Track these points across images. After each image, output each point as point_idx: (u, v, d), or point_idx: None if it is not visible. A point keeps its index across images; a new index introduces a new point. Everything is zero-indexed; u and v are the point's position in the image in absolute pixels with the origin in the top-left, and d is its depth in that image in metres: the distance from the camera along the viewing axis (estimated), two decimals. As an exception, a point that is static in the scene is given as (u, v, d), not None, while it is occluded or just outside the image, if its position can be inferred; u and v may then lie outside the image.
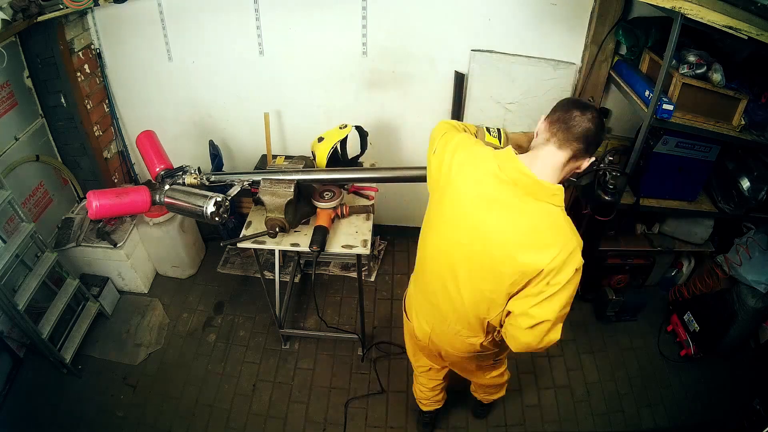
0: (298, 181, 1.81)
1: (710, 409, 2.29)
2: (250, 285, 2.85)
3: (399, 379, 2.37)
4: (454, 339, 1.43)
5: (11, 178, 2.18)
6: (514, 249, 1.13)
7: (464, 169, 1.23)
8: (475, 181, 1.20)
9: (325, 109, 2.61)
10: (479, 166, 1.21)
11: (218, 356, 2.48)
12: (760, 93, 1.98)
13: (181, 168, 1.79)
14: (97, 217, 1.64)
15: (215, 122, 2.72)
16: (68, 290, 2.32)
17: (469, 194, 1.20)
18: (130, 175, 2.95)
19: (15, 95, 2.28)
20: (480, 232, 1.18)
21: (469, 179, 1.21)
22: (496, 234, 1.16)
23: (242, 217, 2.39)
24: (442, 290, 1.35)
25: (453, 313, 1.36)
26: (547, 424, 2.21)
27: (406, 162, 2.74)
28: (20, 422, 2.21)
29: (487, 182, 1.18)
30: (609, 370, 2.41)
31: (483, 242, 1.18)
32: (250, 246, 1.95)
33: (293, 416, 2.24)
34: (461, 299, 1.30)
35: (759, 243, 2.27)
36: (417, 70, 2.44)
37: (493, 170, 1.17)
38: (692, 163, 2.11)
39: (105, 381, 2.35)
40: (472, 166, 1.22)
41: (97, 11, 2.37)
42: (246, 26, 2.34)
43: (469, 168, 1.22)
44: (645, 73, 2.11)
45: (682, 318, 2.53)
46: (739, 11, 1.51)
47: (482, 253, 1.19)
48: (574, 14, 2.20)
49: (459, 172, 1.23)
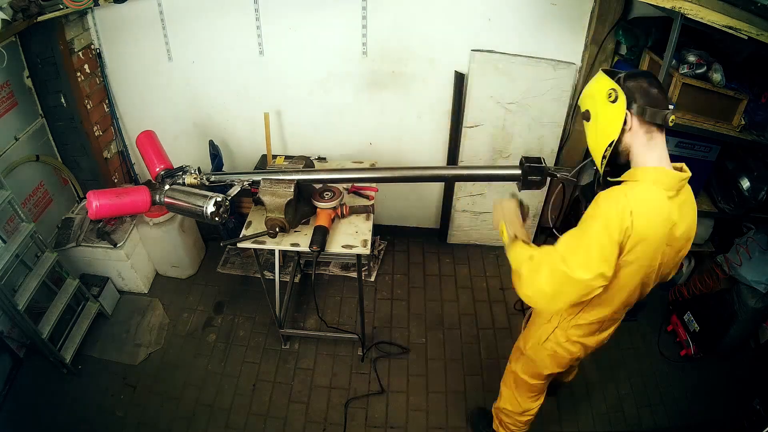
0: (298, 181, 1.81)
1: (710, 409, 2.29)
2: (250, 285, 2.85)
3: (399, 379, 2.38)
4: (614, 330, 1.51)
5: (11, 178, 2.18)
6: (690, 231, 1.27)
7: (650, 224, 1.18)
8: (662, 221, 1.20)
9: (325, 109, 2.61)
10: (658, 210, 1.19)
11: (218, 356, 2.48)
12: (760, 93, 1.98)
13: (181, 168, 1.79)
14: (97, 217, 1.63)
15: (215, 122, 2.72)
16: (68, 290, 2.32)
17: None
18: (130, 175, 2.95)
19: (15, 95, 2.28)
20: (671, 242, 1.24)
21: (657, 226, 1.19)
22: (679, 235, 1.24)
23: (242, 217, 2.39)
24: (629, 302, 1.38)
25: (630, 306, 1.42)
26: (547, 424, 2.21)
27: (405, 162, 2.75)
28: (20, 422, 2.21)
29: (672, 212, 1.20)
30: (609, 370, 2.41)
31: (674, 247, 1.26)
32: (250, 246, 1.95)
33: (293, 416, 2.23)
34: (646, 291, 1.37)
35: (759, 243, 2.27)
36: (417, 70, 2.44)
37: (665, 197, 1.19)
38: (692, 163, 2.06)
39: (105, 381, 2.35)
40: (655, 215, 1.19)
41: (97, 11, 2.38)
42: (246, 26, 2.35)
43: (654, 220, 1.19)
44: (645, 73, 2.10)
45: (682, 318, 2.53)
46: (739, 11, 1.51)
47: (670, 254, 1.27)
48: (574, 14, 2.21)
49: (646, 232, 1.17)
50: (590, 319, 1.42)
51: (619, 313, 1.43)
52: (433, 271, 2.94)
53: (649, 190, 1.17)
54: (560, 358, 1.56)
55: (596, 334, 1.49)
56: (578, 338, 1.49)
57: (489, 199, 2.84)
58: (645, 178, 1.18)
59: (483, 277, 2.89)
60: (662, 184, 1.17)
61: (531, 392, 1.76)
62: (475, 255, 3.02)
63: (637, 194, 1.16)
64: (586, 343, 1.50)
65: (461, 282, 2.87)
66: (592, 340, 1.50)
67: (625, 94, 1.17)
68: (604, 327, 1.48)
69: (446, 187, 2.87)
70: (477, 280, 2.87)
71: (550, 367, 1.61)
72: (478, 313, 2.68)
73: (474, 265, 2.96)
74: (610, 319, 1.44)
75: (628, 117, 1.18)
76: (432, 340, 2.55)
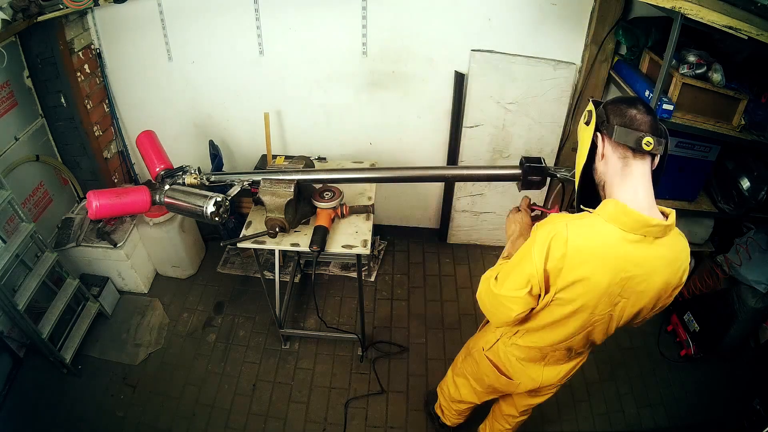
0: (298, 181, 1.80)
1: (710, 409, 2.29)
2: (250, 285, 2.85)
3: (399, 379, 2.38)
4: (571, 369, 1.45)
5: (11, 178, 2.18)
6: (661, 291, 1.11)
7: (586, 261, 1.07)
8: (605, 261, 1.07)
9: (325, 109, 2.61)
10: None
11: (218, 356, 2.48)
12: (760, 93, 1.98)
13: (181, 168, 1.79)
14: (97, 217, 1.63)
15: (215, 122, 2.72)
16: (68, 290, 2.32)
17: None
18: (130, 175, 2.95)
19: (15, 95, 2.28)
20: (628, 296, 1.12)
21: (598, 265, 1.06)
22: (641, 291, 1.11)
23: (242, 217, 2.39)
24: (574, 346, 1.32)
25: (580, 350, 1.36)
26: (547, 424, 2.21)
27: (405, 162, 2.75)
28: (20, 422, 2.20)
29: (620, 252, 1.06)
30: (609, 370, 2.41)
31: (632, 301, 1.13)
32: (250, 246, 1.95)
33: (293, 416, 2.23)
34: (598, 341, 1.30)
35: (759, 243, 2.27)
36: (417, 70, 2.44)
37: (618, 238, 1.04)
38: (692, 163, 2.10)
39: (105, 381, 2.35)
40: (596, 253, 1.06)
41: (97, 11, 2.38)
42: (246, 26, 2.35)
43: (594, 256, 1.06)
44: (645, 73, 2.11)
45: (682, 318, 2.53)
46: (739, 11, 1.51)
47: (629, 308, 1.15)
48: (574, 14, 2.21)
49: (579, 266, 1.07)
50: (527, 343, 1.37)
51: (560, 352, 1.35)
52: (433, 271, 2.94)
53: (597, 226, 1.03)
54: (499, 376, 1.51)
55: (539, 364, 1.42)
56: (519, 361, 1.43)
57: (489, 199, 2.84)
58: (602, 211, 1.04)
59: (483, 277, 2.89)
60: (619, 224, 1.01)
61: (467, 388, 1.75)
62: (475, 255, 3.02)
63: (581, 227, 1.04)
64: (528, 373, 1.44)
65: (461, 282, 2.87)
66: (535, 370, 1.43)
67: (598, 115, 1.07)
68: (549, 361, 1.40)
69: (446, 187, 2.87)
70: (477, 280, 2.83)
71: (491, 377, 1.55)
72: (478, 313, 2.66)
73: (474, 265, 2.96)
74: (551, 353, 1.36)
75: (598, 139, 1.08)
76: (432, 340, 2.55)
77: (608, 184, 1.08)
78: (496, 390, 1.63)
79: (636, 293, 1.09)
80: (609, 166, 1.07)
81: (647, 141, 1.01)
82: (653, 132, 1.02)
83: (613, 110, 1.06)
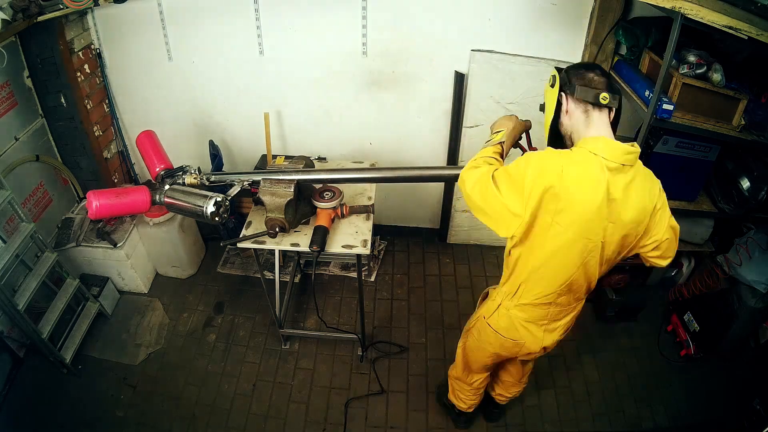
0: (298, 181, 1.81)
1: (710, 409, 2.29)
2: (250, 285, 2.85)
3: (399, 379, 2.38)
4: (569, 323, 1.52)
5: (11, 178, 2.18)
6: (640, 215, 1.25)
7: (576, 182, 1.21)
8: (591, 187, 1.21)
9: (325, 109, 2.61)
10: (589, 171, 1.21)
11: (218, 356, 2.48)
12: (760, 93, 1.98)
13: (181, 168, 1.79)
14: (97, 217, 1.64)
15: (215, 122, 2.72)
16: (68, 290, 2.32)
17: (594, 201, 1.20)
18: (130, 175, 2.95)
19: (15, 95, 2.28)
20: (614, 220, 1.24)
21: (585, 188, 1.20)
22: (624, 217, 1.24)
23: (242, 217, 2.39)
24: (574, 286, 1.38)
25: (578, 293, 1.42)
26: (547, 424, 2.21)
27: (406, 162, 2.75)
28: (20, 422, 2.21)
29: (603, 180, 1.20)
30: (609, 370, 2.41)
31: (619, 226, 1.25)
32: (250, 246, 1.95)
33: (293, 416, 2.23)
34: (593, 278, 1.36)
35: (759, 243, 2.27)
36: (417, 70, 2.44)
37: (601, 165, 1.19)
38: (692, 163, 2.10)
39: (105, 381, 2.35)
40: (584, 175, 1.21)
41: (97, 11, 2.38)
42: (246, 26, 2.35)
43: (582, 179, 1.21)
44: (645, 73, 2.10)
45: (682, 318, 2.53)
46: (739, 11, 1.51)
47: (616, 234, 1.27)
48: (574, 14, 2.21)
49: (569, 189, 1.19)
50: (531, 298, 1.42)
51: (564, 297, 1.41)
52: (433, 271, 2.94)
53: (584, 155, 1.20)
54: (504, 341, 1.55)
55: (543, 324, 1.48)
56: (522, 323, 1.48)
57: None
58: (583, 145, 1.23)
59: (483, 277, 2.89)
60: (600, 152, 1.19)
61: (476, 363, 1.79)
62: (475, 255, 3.02)
63: (571, 156, 1.21)
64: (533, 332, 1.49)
65: (461, 282, 2.87)
66: (539, 330, 1.49)
67: (561, 78, 1.29)
68: (552, 315, 1.46)
69: (446, 187, 2.87)
70: (477, 280, 2.87)
71: (495, 345, 1.60)
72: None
73: (474, 265, 2.96)
74: (555, 302, 1.42)
75: (563, 98, 1.28)
76: (432, 340, 2.55)
77: (575, 133, 1.28)
78: (500, 356, 1.69)
79: (620, 218, 1.23)
80: (573, 120, 1.28)
81: (604, 96, 1.23)
82: (609, 90, 1.24)
83: (574, 74, 1.28)
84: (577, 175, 1.17)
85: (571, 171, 1.17)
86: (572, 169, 1.17)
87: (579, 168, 1.18)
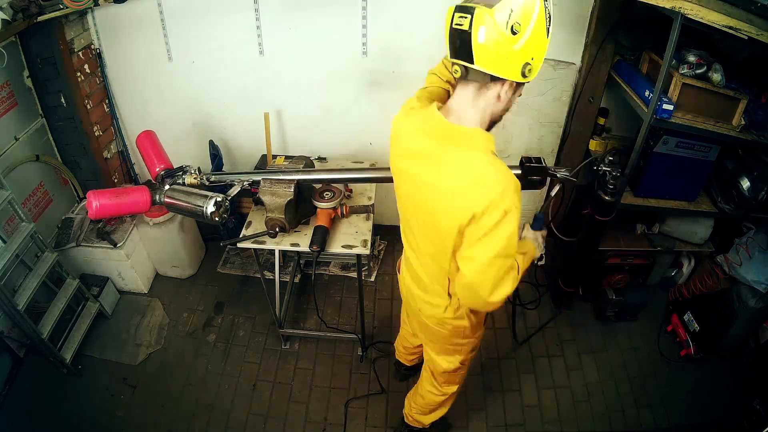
0: (298, 181, 1.81)
1: (710, 409, 2.29)
2: (250, 285, 2.85)
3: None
4: (428, 297, 1.48)
5: (11, 178, 2.18)
6: (445, 198, 1.17)
7: (401, 126, 1.32)
8: (408, 136, 1.27)
9: (326, 109, 2.61)
10: (411, 122, 1.29)
11: (218, 356, 2.48)
12: (760, 93, 1.98)
13: (181, 168, 1.79)
14: (97, 217, 1.64)
15: (215, 122, 2.72)
16: (68, 290, 2.32)
17: (403, 150, 1.29)
18: (130, 175, 2.95)
19: (15, 95, 2.28)
20: (416, 185, 1.25)
21: (402, 135, 1.30)
22: (430, 186, 1.20)
23: (242, 217, 2.39)
24: (410, 244, 1.44)
25: (421, 267, 1.43)
26: (547, 424, 2.21)
27: (406, 162, 2.74)
28: (20, 422, 2.20)
29: (417, 137, 1.23)
30: (609, 370, 2.41)
31: (421, 195, 1.25)
32: (250, 246, 1.95)
33: (293, 416, 2.23)
34: (421, 251, 1.38)
35: (759, 243, 2.27)
36: (417, 70, 2.42)
37: (419, 125, 1.23)
38: (692, 163, 2.11)
39: (105, 381, 2.35)
40: (407, 123, 1.31)
41: (97, 11, 2.38)
42: (246, 26, 2.35)
43: (405, 125, 1.31)
44: (645, 73, 2.11)
45: (682, 318, 2.53)
46: (739, 11, 1.51)
47: (423, 204, 1.26)
48: (574, 14, 2.21)
49: (396, 130, 1.33)
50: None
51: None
52: (433, 271, 2.94)
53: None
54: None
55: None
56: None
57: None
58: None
59: (483, 277, 2.89)
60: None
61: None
62: (475, 255, 3.01)
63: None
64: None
65: (461, 282, 2.86)
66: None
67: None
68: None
69: (446, 187, 2.86)
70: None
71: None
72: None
73: (474, 265, 2.96)
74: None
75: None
76: (432, 340, 2.55)
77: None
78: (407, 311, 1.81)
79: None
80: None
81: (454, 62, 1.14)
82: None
83: None
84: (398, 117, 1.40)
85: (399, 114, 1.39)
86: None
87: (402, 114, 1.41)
